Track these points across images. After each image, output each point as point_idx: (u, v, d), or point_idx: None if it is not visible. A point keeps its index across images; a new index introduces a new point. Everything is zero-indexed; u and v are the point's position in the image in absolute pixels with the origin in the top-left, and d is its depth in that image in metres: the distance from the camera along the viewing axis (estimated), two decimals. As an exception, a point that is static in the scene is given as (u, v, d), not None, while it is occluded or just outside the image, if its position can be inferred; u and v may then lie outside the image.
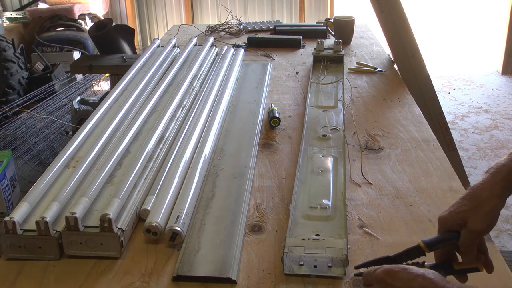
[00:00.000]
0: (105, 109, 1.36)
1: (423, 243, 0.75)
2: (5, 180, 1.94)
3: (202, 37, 2.32)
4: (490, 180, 0.76)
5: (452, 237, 0.76)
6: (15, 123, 2.45)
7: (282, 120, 1.40)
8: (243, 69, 1.83)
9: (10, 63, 3.09)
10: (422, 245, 0.75)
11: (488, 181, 0.76)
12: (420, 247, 0.75)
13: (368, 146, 1.26)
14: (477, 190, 0.76)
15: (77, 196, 0.96)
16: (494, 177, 0.76)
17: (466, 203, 0.76)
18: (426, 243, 0.75)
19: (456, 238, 0.75)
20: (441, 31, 5.90)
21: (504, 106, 3.76)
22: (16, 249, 0.88)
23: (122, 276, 0.84)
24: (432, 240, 0.76)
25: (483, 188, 0.76)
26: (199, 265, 0.85)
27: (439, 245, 0.76)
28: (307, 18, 4.65)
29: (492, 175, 0.77)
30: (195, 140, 1.20)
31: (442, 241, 0.76)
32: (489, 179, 0.76)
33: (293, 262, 0.84)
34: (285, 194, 1.07)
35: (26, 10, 4.06)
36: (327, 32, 2.34)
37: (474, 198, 0.76)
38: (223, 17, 3.31)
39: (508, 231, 2.32)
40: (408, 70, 1.83)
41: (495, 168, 0.77)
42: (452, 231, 0.76)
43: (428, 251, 0.75)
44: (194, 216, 0.98)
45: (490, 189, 0.75)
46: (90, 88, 3.12)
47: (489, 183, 0.76)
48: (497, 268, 0.81)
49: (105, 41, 2.57)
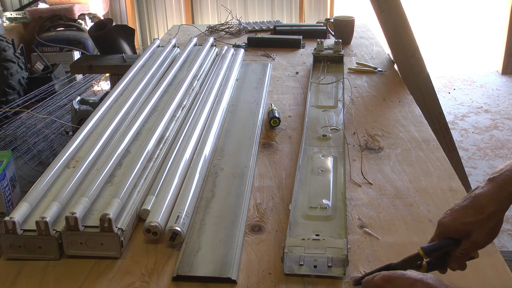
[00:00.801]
0: (105, 109, 1.36)
1: (422, 251, 0.74)
2: (5, 180, 1.94)
3: (202, 37, 2.32)
4: (497, 192, 0.73)
5: (451, 244, 0.75)
6: (15, 123, 2.45)
7: (282, 120, 1.40)
8: (243, 69, 1.83)
9: (10, 63, 3.09)
10: (422, 253, 0.74)
11: (495, 193, 0.73)
12: (420, 255, 0.75)
13: (368, 146, 1.26)
14: (483, 201, 0.73)
15: (77, 196, 0.96)
16: (501, 189, 0.72)
17: (472, 213, 0.73)
18: (425, 251, 0.74)
19: (455, 245, 0.75)
20: (441, 31, 5.90)
21: (504, 106, 3.76)
22: (16, 249, 0.88)
23: (122, 276, 0.84)
24: (431, 247, 0.75)
25: (489, 200, 0.73)
26: (199, 265, 0.85)
27: (437, 252, 0.75)
28: (307, 18, 4.65)
29: (498, 187, 0.73)
30: (195, 140, 1.20)
31: (441, 248, 0.75)
32: (496, 190, 0.73)
33: (293, 262, 0.84)
34: (285, 194, 1.07)
35: (26, 10, 4.06)
36: (327, 32, 2.34)
37: (480, 210, 0.73)
38: (223, 17, 3.31)
39: (508, 231, 2.32)
40: (408, 70, 1.83)
41: (502, 178, 0.73)
42: (452, 238, 0.75)
43: (427, 258, 0.75)
44: (194, 216, 0.98)
45: (497, 202, 0.72)
46: (90, 88, 3.12)
47: (496, 195, 0.73)
48: (497, 268, 0.82)
49: (105, 41, 2.57)
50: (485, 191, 0.74)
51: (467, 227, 0.73)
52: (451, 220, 0.75)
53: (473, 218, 0.73)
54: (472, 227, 0.73)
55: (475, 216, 0.73)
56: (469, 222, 0.73)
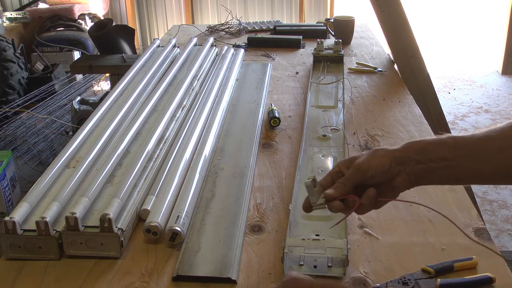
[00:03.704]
0: (105, 109, 1.36)
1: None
2: (5, 180, 1.94)
3: (202, 37, 2.32)
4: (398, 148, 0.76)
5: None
6: (15, 123, 2.45)
7: (282, 120, 1.40)
8: (243, 69, 1.83)
9: (10, 63, 3.09)
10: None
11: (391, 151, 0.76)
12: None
13: (368, 146, 1.26)
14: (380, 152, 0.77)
15: (77, 196, 0.96)
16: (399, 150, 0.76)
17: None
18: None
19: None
20: (441, 31, 5.90)
21: (504, 106, 3.76)
22: (16, 249, 0.88)
23: (122, 276, 0.84)
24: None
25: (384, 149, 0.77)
26: (199, 265, 0.85)
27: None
28: (307, 18, 4.66)
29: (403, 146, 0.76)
30: (195, 140, 1.20)
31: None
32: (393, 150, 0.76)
33: (293, 262, 0.84)
34: (285, 194, 1.07)
35: (26, 10, 4.06)
36: (327, 32, 2.34)
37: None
38: (223, 17, 3.31)
39: (508, 231, 2.32)
40: (408, 70, 1.83)
41: (411, 142, 0.77)
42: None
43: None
44: (194, 216, 0.98)
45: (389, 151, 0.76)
46: (90, 88, 3.12)
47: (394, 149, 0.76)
48: (497, 268, 0.82)
49: (105, 41, 2.57)
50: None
51: (352, 158, 0.78)
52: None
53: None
54: (357, 157, 0.77)
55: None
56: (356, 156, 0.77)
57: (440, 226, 0.93)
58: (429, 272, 0.80)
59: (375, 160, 0.75)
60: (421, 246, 0.89)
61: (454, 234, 0.90)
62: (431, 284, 0.77)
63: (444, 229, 0.92)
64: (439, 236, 0.91)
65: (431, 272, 0.79)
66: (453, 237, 0.90)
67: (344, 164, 0.78)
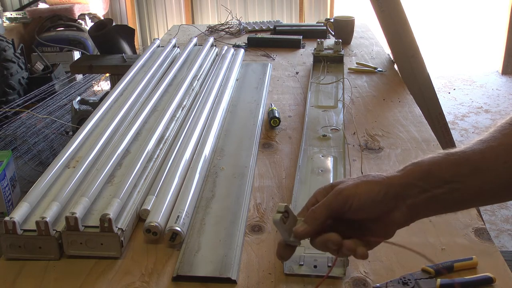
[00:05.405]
0: (105, 109, 1.36)
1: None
2: (5, 180, 1.94)
3: (202, 37, 2.32)
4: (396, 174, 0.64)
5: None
6: (15, 123, 2.45)
7: (282, 120, 1.40)
8: (243, 69, 1.83)
9: (10, 63, 3.09)
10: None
11: (389, 180, 0.63)
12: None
13: (368, 146, 1.26)
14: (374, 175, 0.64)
15: (77, 196, 0.96)
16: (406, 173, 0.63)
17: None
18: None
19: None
20: (441, 31, 5.90)
21: (504, 106, 3.76)
22: (16, 249, 0.88)
23: (122, 276, 0.84)
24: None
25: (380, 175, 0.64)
26: (199, 265, 0.85)
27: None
28: (307, 18, 4.66)
29: (403, 170, 0.64)
30: (195, 140, 1.20)
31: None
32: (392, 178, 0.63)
33: (293, 262, 0.84)
34: (285, 194, 1.07)
35: (26, 10, 4.06)
36: (327, 32, 2.34)
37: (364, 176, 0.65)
38: (223, 17, 3.31)
39: (508, 231, 2.32)
40: (408, 70, 1.83)
41: (412, 165, 0.64)
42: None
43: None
44: (194, 216, 0.98)
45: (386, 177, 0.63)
46: (90, 88, 3.12)
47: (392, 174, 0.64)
48: (497, 268, 0.82)
49: (105, 41, 2.57)
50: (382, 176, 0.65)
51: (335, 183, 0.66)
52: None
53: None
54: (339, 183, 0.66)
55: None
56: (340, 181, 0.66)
57: (440, 226, 0.93)
58: (429, 272, 0.80)
59: (363, 187, 0.62)
60: (421, 246, 0.88)
61: (454, 234, 0.90)
62: (431, 284, 0.77)
63: (444, 229, 0.92)
64: (439, 236, 0.91)
65: (431, 272, 0.79)
66: (453, 237, 0.90)
67: (322, 192, 0.66)
